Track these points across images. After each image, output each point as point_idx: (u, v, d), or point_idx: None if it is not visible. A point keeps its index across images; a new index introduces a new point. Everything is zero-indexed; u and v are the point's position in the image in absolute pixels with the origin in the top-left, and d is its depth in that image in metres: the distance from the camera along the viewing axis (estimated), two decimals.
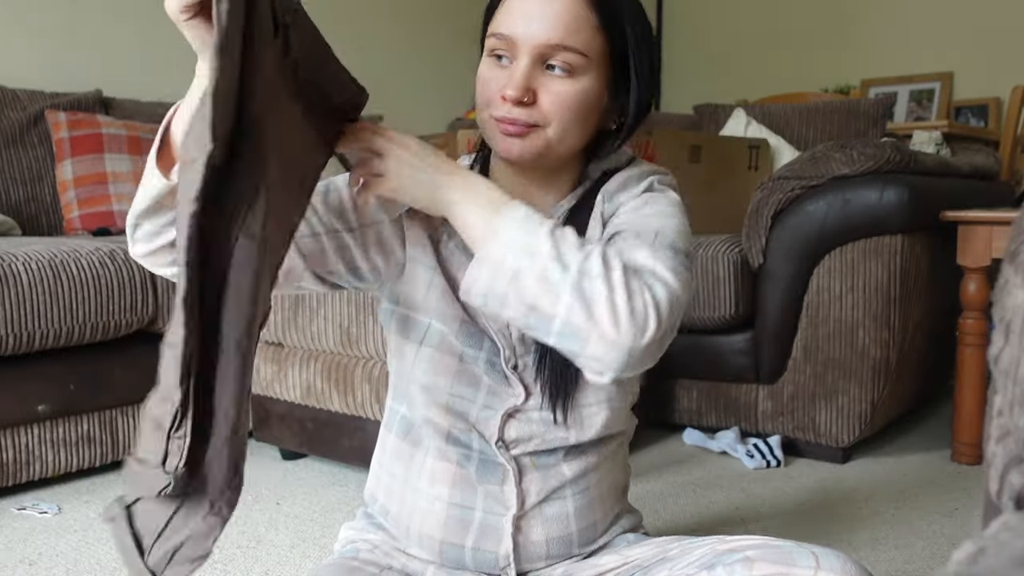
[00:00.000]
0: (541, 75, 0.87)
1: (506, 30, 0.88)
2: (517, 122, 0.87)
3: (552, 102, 0.87)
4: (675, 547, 0.93)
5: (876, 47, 4.31)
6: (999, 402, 0.50)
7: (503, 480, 0.94)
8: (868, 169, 1.95)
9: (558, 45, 0.86)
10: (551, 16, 0.86)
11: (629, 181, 0.95)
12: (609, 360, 0.76)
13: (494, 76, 0.89)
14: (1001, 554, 0.38)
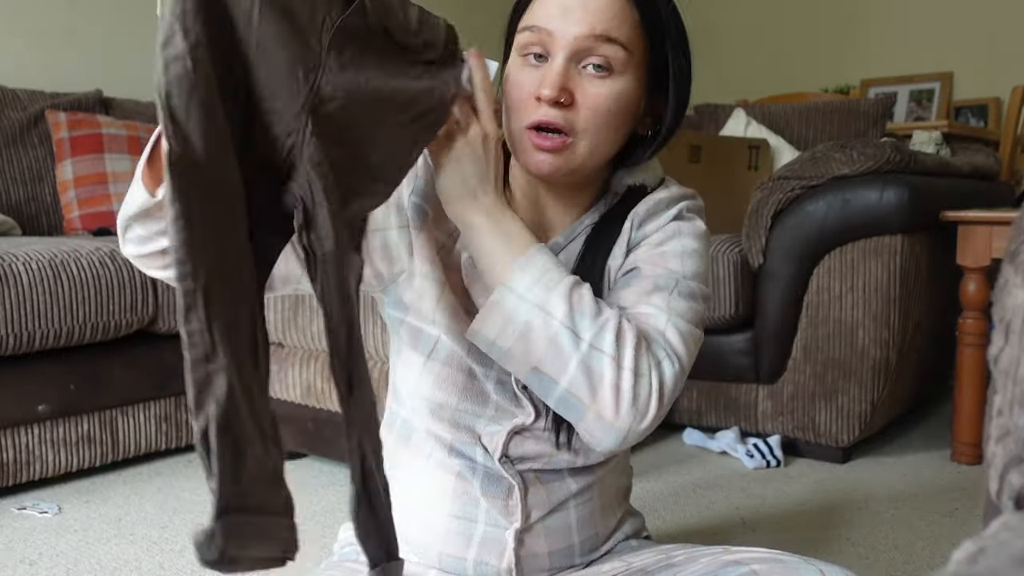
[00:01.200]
0: (578, 75, 0.82)
1: (543, 22, 0.82)
2: (553, 126, 0.82)
3: (589, 106, 0.82)
4: (680, 554, 0.92)
5: (876, 47, 4.31)
6: (999, 402, 0.50)
7: (508, 494, 0.91)
8: (868, 169, 1.95)
9: (601, 35, 0.81)
10: (593, 7, 0.81)
11: (659, 206, 0.91)
12: (602, 438, 0.78)
13: (527, 78, 0.83)
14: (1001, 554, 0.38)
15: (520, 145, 0.85)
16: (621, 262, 0.89)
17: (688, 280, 0.87)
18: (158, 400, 2.08)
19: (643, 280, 0.86)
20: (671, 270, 0.87)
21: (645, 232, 0.90)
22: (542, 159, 0.83)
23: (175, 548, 1.57)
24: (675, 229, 0.90)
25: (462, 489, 0.92)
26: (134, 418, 2.03)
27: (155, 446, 2.08)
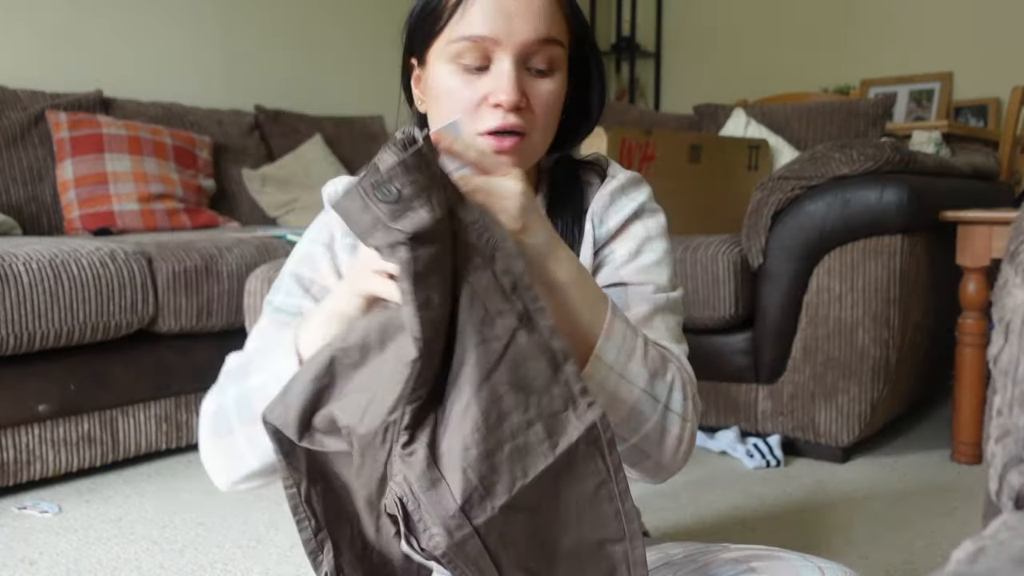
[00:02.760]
0: (525, 76, 0.82)
1: (485, 30, 0.80)
2: (513, 129, 0.81)
3: (542, 104, 0.83)
4: (678, 552, 0.91)
5: (876, 47, 4.31)
6: (999, 402, 0.50)
7: None
8: (868, 169, 1.95)
9: (545, 39, 0.81)
10: (536, 9, 0.80)
11: (615, 198, 0.91)
12: (653, 478, 0.82)
13: (469, 85, 0.82)
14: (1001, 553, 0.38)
15: None
16: (590, 264, 0.89)
17: (670, 292, 0.89)
18: (158, 400, 2.08)
19: (639, 302, 0.86)
20: (657, 284, 0.88)
21: (609, 228, 0.90)
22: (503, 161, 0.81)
23: (175, 548, 1.57)
24: (644, 233, 0.90)
25: None
26: (134, 418, 2.03)
27: (155, 446, 2.08)
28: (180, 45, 3.32)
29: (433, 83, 0.84)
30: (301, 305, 0.90)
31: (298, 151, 3.28)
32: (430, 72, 0.85)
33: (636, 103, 5.00)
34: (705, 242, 2.07)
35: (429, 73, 0.85)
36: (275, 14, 3.63)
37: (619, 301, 0.86)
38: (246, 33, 3.53)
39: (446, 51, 0.82)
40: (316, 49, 3.79)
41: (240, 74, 3.51)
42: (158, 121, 2.94)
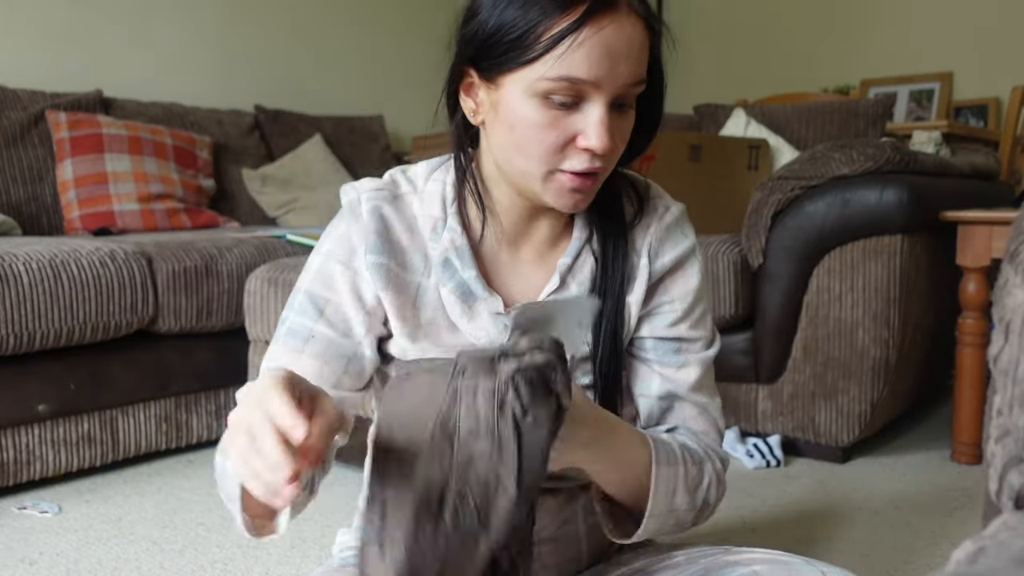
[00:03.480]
0: (613, 116, 0.79)
1: (587, 74, 0.75)
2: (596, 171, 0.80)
3: (620, 143, 0.81)
4: (680, 555, 0.91)
5: (876, 47, 4.31)
6: (999, 402, 0.50)
7: None
8: (868, 169, 1.95)
9: (639, 80, 0.78)
10: (636, 49, 0.77)
11: (672, 232, 0.91)
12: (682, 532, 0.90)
13: (558, 123, 0.77)
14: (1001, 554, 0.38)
15: (551, 187, 0.81)
16: (642, 296, 0.90)
17: (715, 343, 0.95)
18: (158, 400, 2.08)
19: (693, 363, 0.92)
20: (706, 338, 0.94)
21: (664, 263, 0.91)
22: (579, 199, 0.82)
23: (175, 548, 1.57)
24: (697, 281, 0.93)
25: None
26: (134, 418, 2.03)
27: (155, 446, 2.08)
28: (180, 45, 3.32)
29: (510, 112, 0.79)
30: (313, 329, 0.87)
31: (298, 151, 3.28)
32: (506, 98, 0.79)
33: None
34: (705, 242, 2.07)
35: (504, 99, 0.80)
36: (275, 14, 3.63)
37: (672, 355, 0.92)
38: (246, 33, 3.53)
39: (536, 86, 0.77)
40: (316, 49, 3.79)
41: (240, 74, 3.51)
42: (158, 121, 2.94)
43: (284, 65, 3.67)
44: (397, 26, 4.02)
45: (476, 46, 0.80)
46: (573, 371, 0.88)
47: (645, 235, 0.91)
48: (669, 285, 0.91)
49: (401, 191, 0.90)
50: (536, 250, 0.90)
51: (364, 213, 0.87)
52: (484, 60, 0.80)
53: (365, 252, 0.86)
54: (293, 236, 2.41)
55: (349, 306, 0.87)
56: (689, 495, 0.85)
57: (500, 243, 0.90)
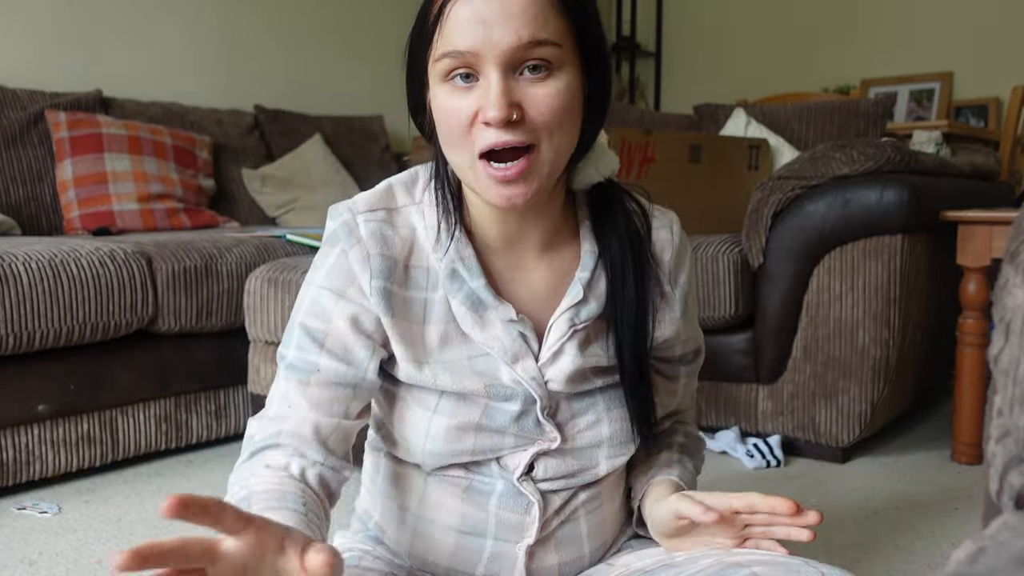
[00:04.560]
0: (517, 84, 0.75)
1: (463, 44, 0.74)
2: (511, 147, 0.76)
3: (543, 111, 0.76)
4: (681, 555, 0.90)
5: (876, 47, 4.31)
6: (999, 402, 0.50)
7: (526, 511, 0.88)
8: (868, 169, 1.95)
9: (531, 42, 0.74)
10: (516, 12, 0.74)
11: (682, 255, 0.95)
12: None
13: (461, 103, 0.76)
14: (1001, 554, 0.38)
15: (478, 182, 0.79)
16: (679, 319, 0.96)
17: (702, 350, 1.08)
18: (158, 400, 2.07)
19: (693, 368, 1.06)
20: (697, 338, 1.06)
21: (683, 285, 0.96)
22: (511, 192, 0.77)
23: None
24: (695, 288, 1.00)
25: (472, 504, 0.89)
26: (134, 418, 2.03)
27: (155, 446, 2.08)
28: (180, 45, 3.32)
29: (434, 105, 0.79)
30: (317, 362, 0.85)
31: (298, 151, 3.28)
32: (431, 93, 0.80)
33: (636, 103, 5.00)
34: (705, 242, 2.07)
35: (430, 94, 0.80)
36: (275, 14, 3.63)
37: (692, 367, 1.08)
38: (246, 33, 3.53)
39: (437, 69, 0.77)
40: (316, 49, 3.79)
41: (240, 74, 3.51)
42: (158, 121, 2.94)
43: (284, 65, 3.67)
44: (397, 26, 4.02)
45: (410, 53, 0.82)
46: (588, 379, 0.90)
47: (663, 260, 0.93)
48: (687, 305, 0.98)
49: (397, 204, 0.88)
50: (536, 254, 0.89)
51: (364, 236, 0.84)
52: (417, 58, 0.81)
53: (371, 278, 0.84)
54: (293, 236, 2.41)
55: (348, 335, 0.85)
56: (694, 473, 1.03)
57: (497, 249, 0.88)
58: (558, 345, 0.86)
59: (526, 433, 0.87)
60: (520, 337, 0.86)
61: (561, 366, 0.86)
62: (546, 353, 0.86)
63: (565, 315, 0.87)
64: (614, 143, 2.15)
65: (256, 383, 2.08)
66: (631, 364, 0.89)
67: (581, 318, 0.87)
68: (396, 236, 0.86)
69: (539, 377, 0.86)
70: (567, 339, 0.87)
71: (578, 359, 0.87)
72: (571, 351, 0.87)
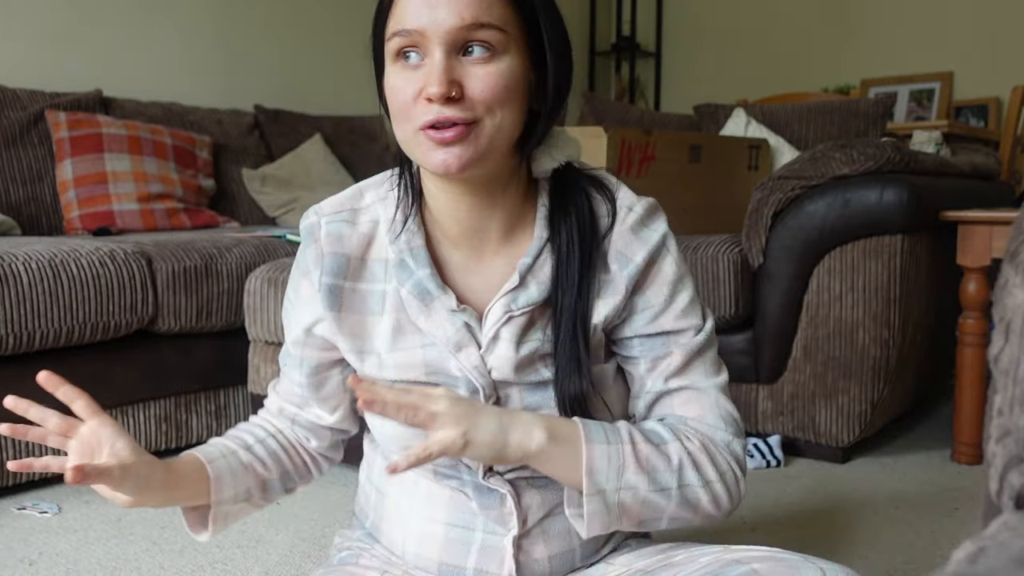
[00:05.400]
0: (460, 64, 0.80)
1: (411, 23, 0.80)
2: (451, 122, 0.79)
3: (482, 90, 0.79)
4: (680, 554, 0.90)
5: (876, 47, 4.31)
6: (999, 402, 0.50)
7: (501, 503, 0.90)
8: (868, 169, 1.95)
9: (473, 24, 0.79)
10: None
11: (638, 232, 0.90)
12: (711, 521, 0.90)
13: (408, 80, 0.81)
14: (1001, 554, 0.38)
15: (419, 149, 0.82)
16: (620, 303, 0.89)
17: (706, 326, 0.93)
18: (158, 400, 2.07)
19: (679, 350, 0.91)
20: (695, 326, 0.92)
21: (637, 264, 0.89)
22: (448, 154, 0.80)
23: (175, 548, 1.57)
24: (674, 272, 0.91)
25: (457, 499, 0.92)
26: (134, 418, 2.03)
27: (155, 446, 2.08)
28: (180, 45, 3.32)
29: (386, 84, 0.84)
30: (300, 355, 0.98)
31: (298, 151, 3.28)
32: (386, 73, 0.85)
33: (636, 103, 5.00)
34: (705, 242, 2.07)
35: (385, 74, 0.85)
36: (275, 14, 3.63)
37: (661, 349, 0.91)
38: (246, 33, 3.53)
39: (388, 50, 0.83)
40: (316, 49, 3.79)
41: (240, 74, 3.51)
42: (158, 121, 2.94)
43: (284, 65, 3.67)
44: None
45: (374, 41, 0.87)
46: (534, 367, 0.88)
47: (611, 242, 0.90)
48: (643, 284, 0.90)
49: (363, 203, 0.93)
50: (495, 245, 0.91)
51: (322, 236, 0.91)
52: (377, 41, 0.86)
53: (320, 275, 0.90)
54: (293, 236, 2.41)
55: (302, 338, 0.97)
56: (646, 475, 0.84)
57: (457, 240, 0.90)
58: (493, 331, 0.87)
59: None
60: (464, 327, 0.87)
61: (500, 353, 0.87)
62: (484, 341, 0.87)
63: (501, 301, 0.88)
64: (614, 142, 2.15)
65: (256, 383, 2.08)
66: (566, 349, 0.88)
67: (518, 304, 0.88)
68: (354, 233, 0.91)
69: (481, 366, 0.88)
70: (502, 324, 0.87)
71: (516, 346, 0.87)
72: (507, 337, 0.87)
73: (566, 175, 0.92)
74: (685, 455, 0.86)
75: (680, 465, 0.85)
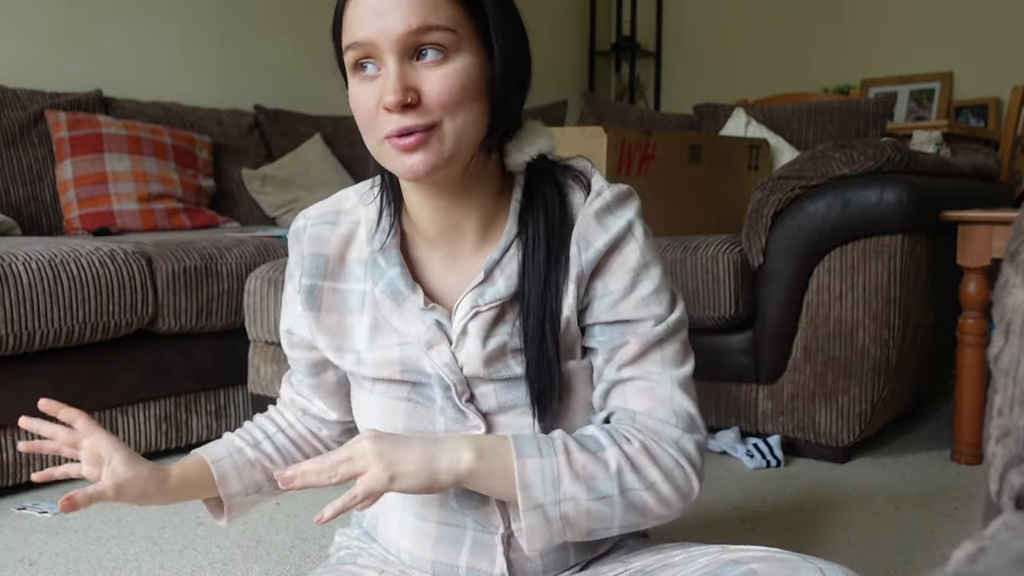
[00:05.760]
0: (414, 69, 0.80)
1: (361, 35, 0.80)
2: (412, 129, 0.79)
3: (439, 92, 0.79)
4: (678, 554, 0.90)
5: (876, 47, 4.31)
6: (999, 402, 0.50)
7: (484, 502, 0.90)
8: (868, 169, 1.95)
9: (421, 28, 0.78)
10: (406, 1, 0.78)
11: (602, 217, 0.88)
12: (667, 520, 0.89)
13: (367, 91, 0.81)
14: (1001, 554, 0.38)
15: (388, 159, 0.83)
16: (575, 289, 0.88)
17: (670, 318, 0.89)
18: (158, 400, 2.08)
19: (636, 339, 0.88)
20: (656, 315, 0.89)
21: (598, 249, 0.88)
22: (412, 160, 0.81)
23: (175, 548, 1.57)
24: (638, 259, 0.88)
25: (445, 499, 0.92)
26: (134, 418, 2.03)
27: (155, 446, 2.08)
28: (180, 45, 3.32)
29: (350, 94, 0.85)
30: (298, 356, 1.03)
31: (298, 151, 3.28)
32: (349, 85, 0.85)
33: (636, 103, 5.00)
34: (705, 242, 2.07)
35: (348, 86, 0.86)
36: (275, 14, 3.63)
37: (619, 338, 0.88)
38: (246, 33, 3.53)
39: (347, 64, 0.83)
40: (316, 49, 3.77)
41: (240, 74, 3.51)
42: (158, 121, 2.94)
43: (284, 65, 3.67)
44: None
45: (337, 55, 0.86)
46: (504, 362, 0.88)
47: (575, 226, 0.89)
48: (603, 269, 0.89)
49: (347, 206, 0.96)
50: (472, 243, 0.91)
51: (304, 239, 0.95)
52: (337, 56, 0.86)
53: (301, 276, 0.94)
54: None
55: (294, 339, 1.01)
56: (585, 486, 0.82)
57: (435, 240, 0.91)
58: (461, 326, 0.88)
59: (453, 424, 0.90)
60: (435, 324, 0.88)
61: (468, 348, 0.88)
62: (454, 336, 0.88)
63: (468, 296, 0.89)
64: (614, 142, 2.16)
65: (256, 383, 2.08)
66: (535, 344, 0.87)
67: (485, 299, 0.88)
68: (334, 234, 0.93)
69: (452, 363, 0.88)
70: (469, 319, 0.88)
71: (483, 340, 0.87)
72: (474, 332, 0.88)
73: (540, 168, 0.91)
74: (624, 459, 0.84)
75: (619, 470, 0.83)
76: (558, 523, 0.83)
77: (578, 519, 0.83)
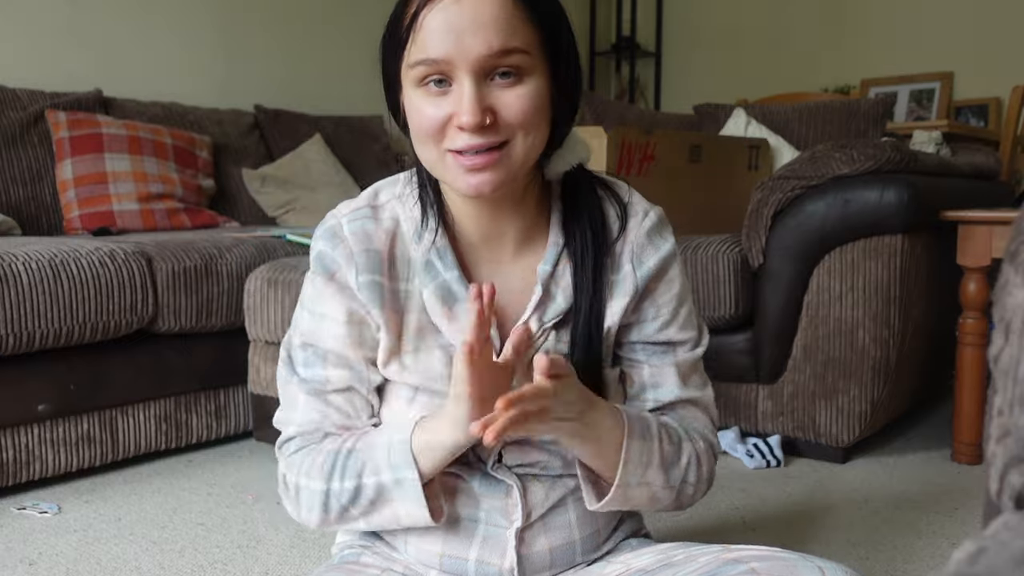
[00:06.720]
0: (489, 90, 0.80)
1: (436, 52, 0.78)
2: (483, 147, 0.79)
3: (515, 114, 0.80)
4: (679, 554, 0.91)
5: (876, 47, 4.31)
6: (999, 402, 0.50)
7: (507, 495, 0.92)
8: (868, 169, 1.95)
9: (501, 51, 0.78)
10: (487, 22, 0.77)
11: (652, 238, 0.93)
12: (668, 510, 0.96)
13: (436, 106, 0.80)
14: (1001, 554, 0.38)
15: (448, 173, 0.83)
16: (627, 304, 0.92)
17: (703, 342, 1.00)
18: (158, 400, 2.07)
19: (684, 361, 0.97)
20: (695, 339, 0.98)
21: (649, 268, 0.93)
22: (480, 179, 0.81)
23: (175, 548, 1.57)
24: (681, 283, 0.96)
25: (461, 490, 0.92)
26: (134, 418, 2.03)
27: (155, 446, 2.08)
28: (180, 45, 3.32)
29: (407, 106, 0.84)
30: (326, 375, 0.93)
31: (298, 151, 3.28)
32: (405, 95, 0.84)
33: (636, 103, 5.00)
34: (705, 242, 2.07)
35: (405, 96, 0.84)
36: (275, 14, 3.63)
37: (666, 359, 0.95)
38: (246, 33, 3.53)
39: (410, 76, 0.81)
40: (316, 49, 3.79)
41: (240, 74, 3.51)
42: (158, 121, 2.94)
43: (284, 65, 3.67)
44: None
45: (382, 55, 0.86)
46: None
47: (625, 242, 0.92)
48: (654, 291, 0.94)
49: (380, 201, 0.93)
50: (512, 250, 0.92)
51: (347, 235, 0.90)
52: (389, 66, 0.85)
53: (357, 274, 0.89)
54: (293, 236, 2.41)
55: (344, 346, 0.91)
56: (663, 472, 0.90)
57: (477, 245, 0.92)
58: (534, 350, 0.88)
59: None
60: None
61: None
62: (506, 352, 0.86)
63: (532, 317, 0.89)
64: (614, 142, 2.15)
65: (256, 383, 2.08)
66: (582, 351, 0.90)
67: (548, 316, 0.90)
68: (379, 228, 0.91)
69: None
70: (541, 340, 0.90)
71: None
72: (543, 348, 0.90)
73: (577, 177, 0.93)
74: (693, 455, 0.93)
75: (687, 464, 0.92)
76: (630, 500, 0.90)
77: (642, 499, 0.90)
